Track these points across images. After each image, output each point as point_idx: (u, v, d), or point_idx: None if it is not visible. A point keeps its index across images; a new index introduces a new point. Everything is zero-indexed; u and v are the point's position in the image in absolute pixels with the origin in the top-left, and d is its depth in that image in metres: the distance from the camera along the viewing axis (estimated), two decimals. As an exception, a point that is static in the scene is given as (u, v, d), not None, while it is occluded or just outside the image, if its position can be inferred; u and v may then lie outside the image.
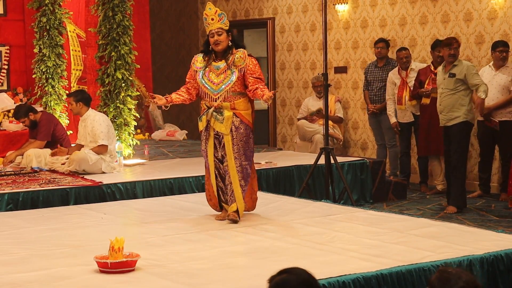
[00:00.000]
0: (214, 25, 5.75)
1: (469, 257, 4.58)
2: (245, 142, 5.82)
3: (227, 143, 5.77)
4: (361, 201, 8.52)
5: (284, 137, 12.15)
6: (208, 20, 5.78)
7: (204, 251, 4.90)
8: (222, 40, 5.75)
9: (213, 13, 5.77)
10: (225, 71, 5.77)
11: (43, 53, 10.02)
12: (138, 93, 9.52)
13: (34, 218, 6.06)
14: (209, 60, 5.83)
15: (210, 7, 5.81)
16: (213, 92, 5.78)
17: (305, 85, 11.70)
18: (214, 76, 5.79)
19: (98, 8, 8.48)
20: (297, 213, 6.16)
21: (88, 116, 7.97)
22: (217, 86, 5.77)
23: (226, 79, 5.75)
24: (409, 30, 10.19)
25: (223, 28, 5.76)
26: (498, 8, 9.19)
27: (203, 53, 5.89)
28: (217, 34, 5.75)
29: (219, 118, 5.76)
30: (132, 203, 6.83)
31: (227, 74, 5.76)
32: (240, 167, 5.80)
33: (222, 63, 5.79)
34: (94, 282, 4.20)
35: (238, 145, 5.79)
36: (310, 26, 11.55)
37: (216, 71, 5.79)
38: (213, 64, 5.81)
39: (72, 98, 8.07)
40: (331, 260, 4.59)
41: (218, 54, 5.82)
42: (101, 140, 7.82)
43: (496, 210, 8.26)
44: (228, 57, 5.78)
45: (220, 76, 5.77)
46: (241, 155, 5.80)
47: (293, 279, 2.72)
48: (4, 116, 10.15)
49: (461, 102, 7.94)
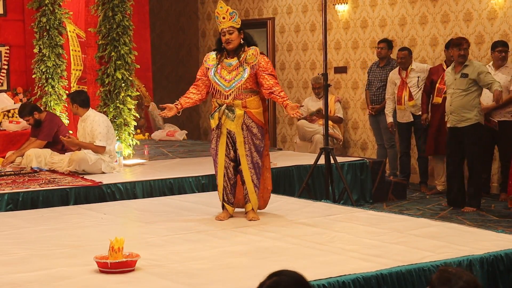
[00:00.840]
0: (225, 24, 5.76)
1: (469, 257, 4.58)
2: (257, 142, 5.81)
3: (239, 142, 5.78)
4: (361, 201, 8.52)
5: (284, 137, 12.16)
6: (220, 19, 5.78)
7: (204, 251, 4.90)
8: (234, 38, 5.76)
9: (225, 12, 5.77)
10: (237, 68, 5.76)
11: (43, 53, 10.02)
12: (138, 93, 9.52)
13: (34, 218, 6.06)
14: (221, 57, 5.83)
15: (222, 5, 5.80)
16: (224, 88, 5.76)
17: (305, 85, 11.70)
18: (226, 73, 5.78)
19: (98, 8, 8.48)
20: (297, 213, 6.16)
21: (88, 117, 7.97)
22: (229, 83, 5.76)
23: (238, 76, 5.74)
24: (409, 30, 10.20)
25: (234, 27, 5.77)
26: (498, 8, 9.19)
27: (216, 51, 5.89)
28: (229, 32, 5.75)
29: (231, 116, 5.74)
30: (132, 203, 6.82)
31: (239, 71, 5.74)
32: (251, 164, 5.80)
33: (234, 60, 5.79)
34: (94, 282, 4.20)
35: (249, 144, 5.79)
36: (310, 26, 11.55)
37: (228, 68, 5.78)
38: (225, 61, 5.81)
39: (70, 99, 8.11)
40: (331, 260, 4.59)
41: (230, 52, 5.82)
42: (98, 141, 7.82)
43: (496, 210, 8.26)
44: (240, 55, 5.78)
45: (232, 73, 5.76)
46: (253, 152, 5.80)
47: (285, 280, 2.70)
48: (4, 116, 10.15)
49: (472, 103, 7.96)
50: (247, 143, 5.78)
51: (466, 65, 8.01)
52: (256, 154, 5.82)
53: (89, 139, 7.89)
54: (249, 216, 5.86)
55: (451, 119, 8.10)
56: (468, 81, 7.94)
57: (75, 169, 7.79)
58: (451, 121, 8.09)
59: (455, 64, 8.12)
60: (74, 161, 7.78)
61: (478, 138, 8.02)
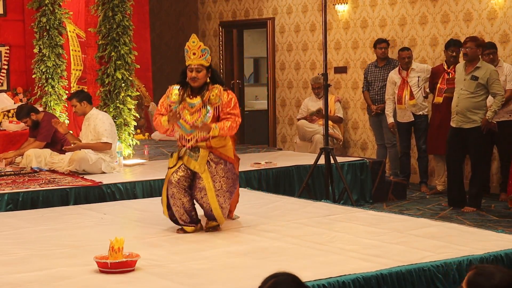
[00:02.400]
0: (195, 61, 5.36)
1: (469, 257, 4.58)
2: (228, 178, 5.39)
3: (206, 180, 5.33)
4: (361, 201, 8.52)
5: (284, 137, 12.15)
6: (190, 54, 5.40)
7: (204, 251, 4.90)
8: (201, 77, 5.36)
9: (196, 48, 5.39)
10: (199, 109, 5.36)
11: (43, 53, 10.02)
12: (138, 93, 9.52)
13: (34, 218, 6.06)
14: (184, 95, 5.41)
15: (194, 40, 5.42)
16: (186, 132, 5.38)
17: (305, 85, 11.70)
18: (188, 115, 5.37)
19: (98, 8, 8.48)
20: (297, 213, 6.16)
21: (91, 115, 7.97)
22: (191, 127, 5.37)
23: (200, 118, 5.33)
24: (409, 30, 10.20)
25: (204, 65, 5.38)
26: (498, 8, 9.19)
27: (179, 84, 5.49)
28: (196, 70, 5.36)
29: (193, 155, 5.35)
30: (132, 203, 6.82)
31: (202, 113, 5.34)
32: (220, 204, 5.39)
33: (198, 100, 5.38)
34: (94, 282, 4.20)
35: (220, 182, 5.38)
36: (310, 26, 11.55)
37: (191, 109, 5.37)
38: (187, 101, 5.39)
39: (75, 99, 7.98)
40: (331, 260, 4.59)
41: (194, 89, 5.41)
42: (105, 138, 7.82)
43: (496, 210, 8.26)
44: (204, 94, 5.38)
45: (195, 115, 5.35)
46: (225, 192, 5.38)
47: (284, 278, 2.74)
48: (4, 116, 10.14)
49: (479, 105, 7.95)
50: (218, 181, 5.35)
51: (478, 66, 7.96)
52: (229, 195, 5.41)
53: (91, 137, 7.88)
54: (209, 227, 5.52)
55: (456, 119, 8.07)
56: (478, 84, 7.91)
57: (75, 168, 7.79)
58: (456, 122, 8.07)
59: (466, 64, 8.06)
60: (75, 161, 7.78)
61: (483, 140, 8.01)
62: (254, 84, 15.53)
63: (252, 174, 7.97)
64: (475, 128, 7.96)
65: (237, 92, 12.93)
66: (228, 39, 13.02)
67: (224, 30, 13.00)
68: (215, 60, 13.11)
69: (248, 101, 13.95)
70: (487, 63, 8.20)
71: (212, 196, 5.35)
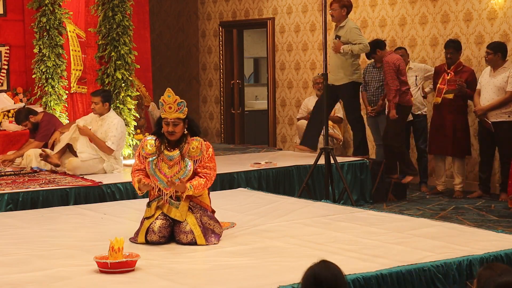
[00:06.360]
0: (171, 115, 5.12)
1: (469, 257, 4.58)
2: (211, 218, 5.21)
3: (191, 220, 5.12)
4: (361, 201, 8.52)
5: (284, 137, 12.15)
6: (165, 107, 5.14)
7: (204, 251, 4.90)
8: (178, 131, 5.16)
9: (172, 102, 5.13)
10: (178, 162, 5.16)
11: (43, 53, 10.02)
12: (138, 93, 9.52)
13: (34, 219, 6.06)
14: (161, 147, 5.22)
15: (170, 94, 5.15)
16: (165, 186, 5.15)
17: (305, 85, 11.70)
18: (166, 168, 5.17)
19: (98, 8, 8.48)
20: (297, 213, 6.16)
21: (108, 117, 7.95)
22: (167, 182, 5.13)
23: (180, 172, 5.14)
24: (409, 30, 10.19)
25: (181, 118, 5.15)
26: (498, 8, 9.19)
27: (155, 135, 5.29)
28: (173, 124, 5.13)
29: (174, 203, 5.15)
30: (132, 203, 6.82)
31: (181, 166, 5.15)
32: (202, 227, 5.15)
33: (176, 152, 5.18)
34: (94, 282, 4.20)
35: (207, 222, 5.20)
36: (310, 26, 11.54)
37: (169, 162, 5.17)
38: (165, 154, 5.19)
39: (101, 98, 7.91)
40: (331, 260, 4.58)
41: (172, 141, 5.22)
42: (111, 143, 7.82)
43: (496, 210, 8.26)
44: (182, 146, 5.19)
45: (174, 168, 5.16)
46: (210, 233, 5.17)
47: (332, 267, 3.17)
48: (4, 116, 10.14)
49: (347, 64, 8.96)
50: (201, 220, 5.16)
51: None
52: (210, 220, 5.21)
53: (99, 136, 7.89)
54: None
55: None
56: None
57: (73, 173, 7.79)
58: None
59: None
60: (70, 170, 7.79)
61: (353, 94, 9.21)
62: (254, 84, 15.53)
63: (252, 174, 7.97)
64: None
65: (237, 92, 12.94)
66: (228, 39, 13.01)
67: (224, 30, 13.00)
68: (215, 60, 13.11)
69: (248, 101, 13.95)
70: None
71: (198, 234, 5.10)
